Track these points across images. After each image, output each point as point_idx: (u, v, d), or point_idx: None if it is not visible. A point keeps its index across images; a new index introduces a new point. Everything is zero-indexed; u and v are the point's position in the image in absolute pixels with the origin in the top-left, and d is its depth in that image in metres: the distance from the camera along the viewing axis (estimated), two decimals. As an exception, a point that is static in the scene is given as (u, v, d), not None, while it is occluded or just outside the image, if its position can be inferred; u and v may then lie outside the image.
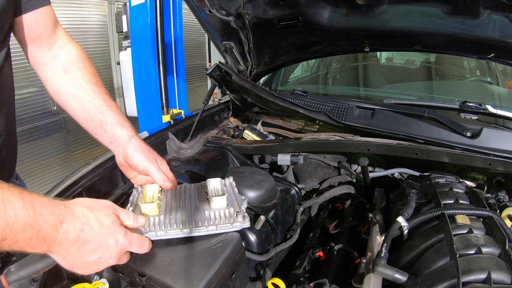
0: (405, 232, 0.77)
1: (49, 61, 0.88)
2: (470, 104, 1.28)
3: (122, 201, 1.08)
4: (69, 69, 0.87)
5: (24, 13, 0.79)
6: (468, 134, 1.05)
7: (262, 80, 2.02)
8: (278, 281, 0.87)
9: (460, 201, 0.83)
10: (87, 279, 0.91)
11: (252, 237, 0.96)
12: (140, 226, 0.71)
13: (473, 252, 0.65)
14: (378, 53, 2.54)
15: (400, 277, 0.66)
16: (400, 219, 0.77)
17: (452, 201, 0.84)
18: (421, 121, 1.13)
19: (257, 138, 1.50)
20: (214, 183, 0.92)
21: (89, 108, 0.85)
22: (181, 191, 0.93)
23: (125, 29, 3.11)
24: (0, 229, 0.48)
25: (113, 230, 0.62)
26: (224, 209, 0.82)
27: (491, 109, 1.25)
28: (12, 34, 0.82)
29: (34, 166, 3.21)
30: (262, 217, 0.98)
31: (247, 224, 0.78)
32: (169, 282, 0.70)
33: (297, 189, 1.22)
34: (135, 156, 0.85)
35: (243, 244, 0.87)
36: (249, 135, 1.53)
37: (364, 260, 0.76)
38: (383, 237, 0.79)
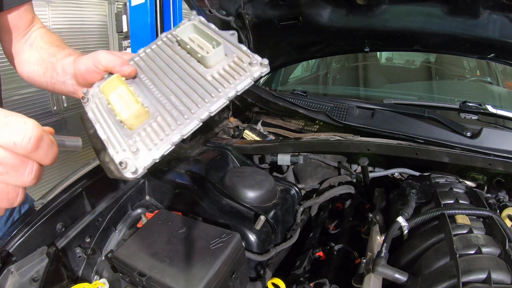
0: (405, 232, 0.77)
1: (22, 46, 0.86)
2: (470, 104, 1.28)
3: (122, 201, 1.08)
4: (33, 42, 0.86)
5: (6, 8, 0.78)
6: (468, 134, 1.05)
7: (262, 80, 2.02)
8: (278, 281, 0.87)
9: (460, 201, 0.83)
10: (87, 279, 0.91)
11: (252, 237, 0.96)
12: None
13: (473, 252, 0.65)
14: (378, 53, 2.54)
15: (400, 277, 0.66)
16: (400, 219, 0.77)
17: (452, 201, 0.84)
18: (421, 121, 1.13)
19: (257, 138, 1.50)
20: (186, 31, 0.63)
21: (46, 60, 0.79)
22: (150, 71, 0.65)
23: (125, 29, 3.12)
24: None
25: None
26: (227, 60, 0.59)
27: (491, 109, 1.25)
28: None
29: (34, 166, 3.21)
30: (262, 217, 0.99)
31: (266, 67, 0.58)
32: (169, 282, 0.71)
33: (297, 189, 1.22)
34: (82, 59, 0.70)
35: (243, 244, 0.87)
36: (249, 135, 1.53)
37: (364, 260, 0.76)
38: (383, 237, 0.79)
